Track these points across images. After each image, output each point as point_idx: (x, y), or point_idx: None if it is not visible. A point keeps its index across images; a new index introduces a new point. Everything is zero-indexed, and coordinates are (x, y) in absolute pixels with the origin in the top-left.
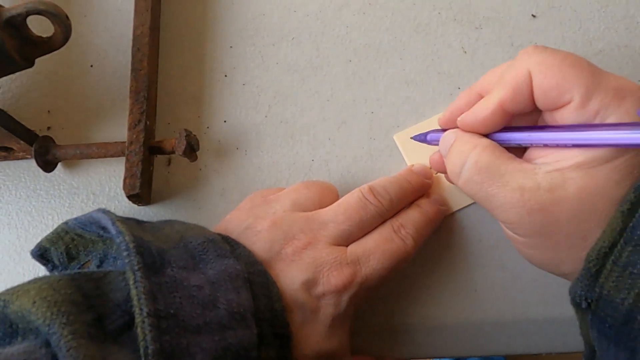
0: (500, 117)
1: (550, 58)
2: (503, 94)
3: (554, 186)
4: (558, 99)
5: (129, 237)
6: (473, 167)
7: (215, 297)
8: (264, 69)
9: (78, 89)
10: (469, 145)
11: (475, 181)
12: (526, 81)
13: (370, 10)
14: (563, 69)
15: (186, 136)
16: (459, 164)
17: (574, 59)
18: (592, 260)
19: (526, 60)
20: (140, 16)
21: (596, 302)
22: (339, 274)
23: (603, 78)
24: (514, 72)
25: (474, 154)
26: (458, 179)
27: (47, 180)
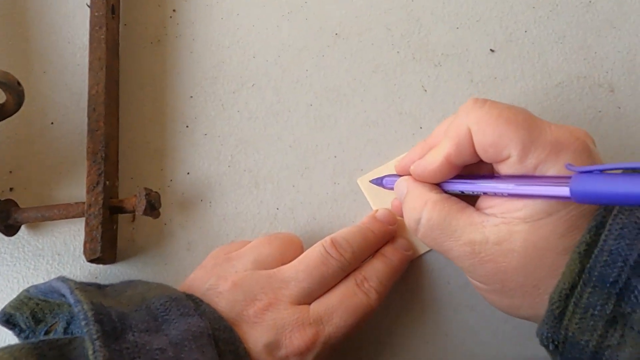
0: (447, 169)
1: (487, 115)
2: (447, 149)
3: (500, 239)
4: (497, 155)
5: (87, 305)
6: (426, 224)
7: (179, 359)
8: (225, 117)
9: (39, 147)
10: (421, 201)
11: (430, 237)
12: (467, 137)
13: (329, 53)
14: (500, 127)
15: (146, 195)
16: (413, 221)
17: (511, 114)
18: (555, 303)
19: (465, 117)
20: (95, 75)
21: (562, 343)
22: (301, 335)
23: (541, 132)
24: (455, 129)
25: (425, 211)
26: (416, 234)
27: (11, 243)
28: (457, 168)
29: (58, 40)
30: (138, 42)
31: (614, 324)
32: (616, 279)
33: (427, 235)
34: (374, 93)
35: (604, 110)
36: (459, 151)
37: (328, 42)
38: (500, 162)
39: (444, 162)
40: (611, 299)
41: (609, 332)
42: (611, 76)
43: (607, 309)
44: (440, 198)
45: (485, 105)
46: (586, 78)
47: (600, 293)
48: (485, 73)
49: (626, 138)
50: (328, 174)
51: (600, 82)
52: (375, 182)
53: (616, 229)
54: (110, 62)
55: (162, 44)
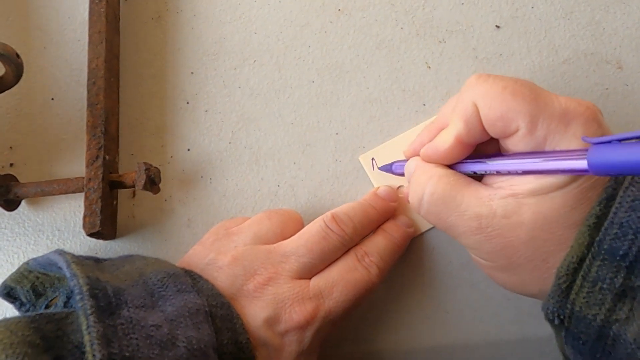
0: (459, 150)
1: (492, 89)
2: (457, 129)
3: (509, 212)
4: (505, 129)
5: (82, 279)
6: (430, 198)
7: (174, 335)
8: (226, 94)
9: (40, 123)
10: (426, 176)
11: (434, 212)
12: (474, 114)
13: (331, 29)
14: (506, 99)
15: (146, 170)
16: (417, 197)
17: (516, 86)
18: (562, 277)
19: (470, 93)
20: (95, 49)
21: (569, 318)
22: (301, 309)
23: (547, 104)
24: (462, 107)
25: (430, 185)
26: (419, 211)
27: (12, 219)
28: (469, 147)
29: (58, 16)
30: (139, 18)
31: (622, 298)
32: (626, 252)
33: (430, 211)
34: (377, 70)
35: (612, 87)
36: (469, 129)
37: (331, 18)
38: (509, 137)
39: (455, 143)
40: (621, 272)
41: (618, 305)
42: (619, 52)
43: (617, 282)
44: (446, 173)
45: (490, 79)
46: (593, 55)
47: (609, 266)
48: (490, 50)
49: (633, 115)
50: (330, 151)
51: (608, 58)
52: (384, 168)
53: (627, 201)
54: (110, 36)
55: (162, 19)
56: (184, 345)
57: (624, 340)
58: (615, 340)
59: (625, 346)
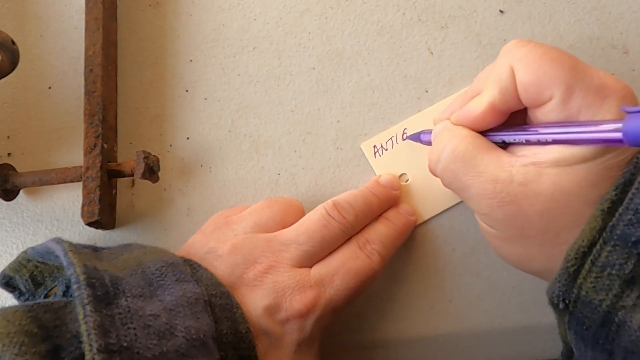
0: (491, 116)
1: (531, 53)
2: (491, 94)
3: (527, 180)
4: (539, 96)
5: (79, 268)
6: (450, 155)
7: (172, 325)
8: (225, 81)
9: (37, 112)
10: (450, 134)
11: (451, 169)
12: (510, 78)
13: (332, 15)
14: (544, 65)
15: (144, 158)
16: (437, 152)
17: (556, 53)
18: (571, 260)
19: (508, 56)
20: (92, 36)
21: (574, 303)
22: (301, 297)
23: (586, 75)
24: (497, 71)
25: (452, 142)
26: (435, 169)
27: (10, 209)
28: (500, 115)
29: (55, 3)
30: (136, 5)
31: (631, 285)
32: (639, 239)
33: (447, 168)
34: (378, 56)
35: (618, 72)
36: (503, 95)
37: (331, 4)
38: (541, 106)
39: (488, 108)
40: (631, 258)
41: (625, 292)
42: (626, 37)
43: (626, 269)
44: (471, 134)
45: (530, 44)
46: (599, 39)
47: (620, 252)
48: (494, 35)
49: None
50: (330, 139)
51: (614, 43)
52: (412, 137)
53: None
54: (107, 23)
55: (161, 6)
56: (182, 335)
57: (629, 327)
58: (620, 326)
59: (630, 333)
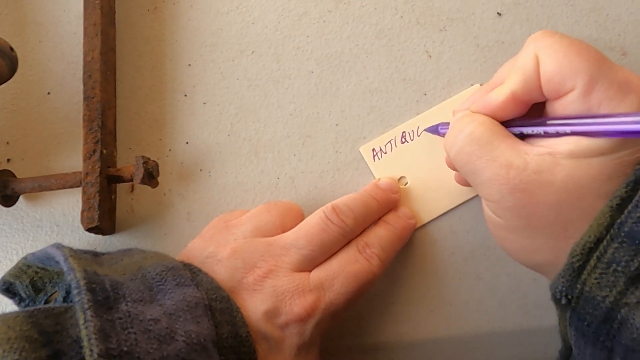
0: (512, 106)
1: (558, 43)
2: (514, 83)
3: (542, 169)
4: (561, 86)
5: (80, 273)
6: (467, 137)
7: (173, 330)
8: (224, 85)
9: (36, 118)
10: (469, 119)
11: (466, 152)
12: (534, 67)
13: (330, 18)
14: (569, 55)
15: (144, 163)
16: (454, 135)
17: (582, 45)
18: (576, 255)
19: (534, 45)
20: (90, 41)
21: (577, 298)
22: (301, 302)
23: (610, 69)
24: (522, 59)
25: (470, 126)
26: (450, 151)
27: (10, 215)
28: (522, 106)
29: (54, 9)
30: (135, 10)
31: (636, 282)
32: None
33: (462, 150)
34: (377, 59)
35: None
36: (526, 84)
37: (329, 7)
38: (562, 97)
39: (510, 97)
40: (638, 256)
41: (630, 289)
42: (623, 39)
43: (632, 266)
44: (490, 120)
45: (556, 35)
46: (597, 41)
47: (627, 249)
48: (492, 37)
49: None
50: (330, 143)
51: (611, 45)
52: (430, 130)
53: None
54: (105, 29)
55: (159, 11)
56: (182, 340)
57: (631, 324)
58: (622, 324)
59: (632, 331)
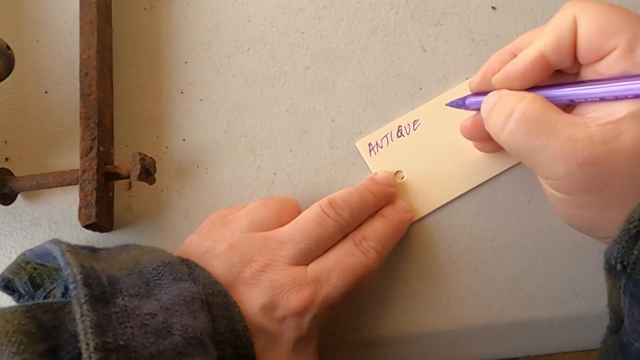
0: (540, 69)
1: (597, 4)
2: (545, 42)
3: (607, 138)
4: (603, 45)
5: (76, 268)
6: (520, 117)
7: (170, 324)
8: (220, 83)
9: (34, 117)
10: (517, 97)
11: (522, 132)
12: (570, 27)
13: (325, 14)
14: (610, 14)
15: (141, 160)
16: (503, 116)
17: (621, 7)
18: (634, 221)
19: (572, 6)
20: (86, 40)
21: (633, 264)
22: (298, 295)
23: None
24: (558, 19)
25: (522, 104)
26: (501, 133)
27: (8, 213)
28: (549, 72)
29: (50, 8)
30: (131, 8)
31: None
32: None
33: (517, 130)
34: (372, 54)
35: None
36: (558, 44)
37: (324, 3)
38: (602, 59)
39: (538, 58)
40: None
41: None
42: None
43: None
44: (539, 96)
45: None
46: None
47: None
48: (486, 31)
49: None
50: (326, 138)
51: None
52: (455, 104)
53: None
54: (101, 27)
55: (155, 9)
56: (179, 334)
57: None
58: None
59: None
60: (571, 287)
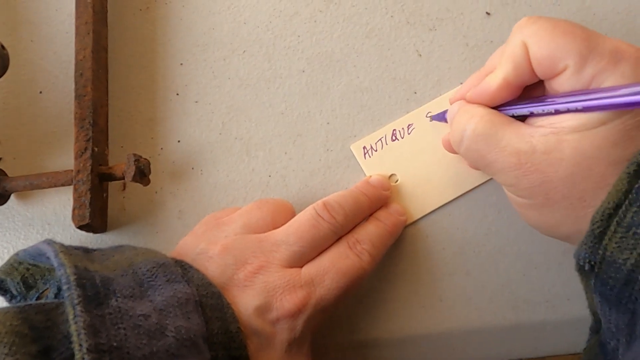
0: (506, 91)
1: (542, 29)
2: (505, 70)
3: (549, 149)
4: (553, 68)
5: (70, 269)
6: (471, 135)
7: (163, 325)
8: (216, 85)
9: (28, 117)
10: (468, 114)
11: (474, 149)
12: (523, 54)
13: (321, 18)
14: (556, 38)
15: (135, 161)
16: (458, 133)
17: (567, 26)
18: (597, 222)
19: (520, 33)
20: (82, 40)
21: (599, 264)
22: (292, 297)
23: (598, 42)
24: (511, 48)
25: (471, 122)
26: (459, 148)
27: (1, 213)
28: (516, 90)
29: (46, 8)
30: (127, 9)
31: None
32: None
33: (470, 148)
34: (367, 58)
35: None
36: (517, 70)
37: (320, 7)
38: (556, 77)
39: (502, 84)
40: None
41: None
42: None
43: None
44: (488, 112)
45: (540, 20)
46: None
47: None
48: (481, 37)
49: None
50: (321, 141)
51: None
52: (436, 117)
53: None
54: (97, 28)
55: (151, 11)
56: (172, 335)
57: None
58: None
59: None
60: (563, 290)
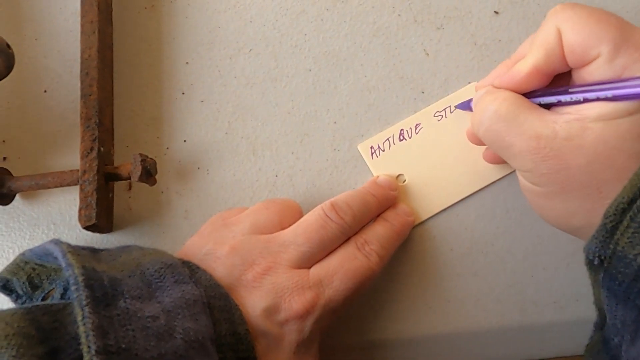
0: (536, 78)
1: (577, 15)
2: (536, 56)
3: (571, 135)
4: (586, 55)
5: (78, 269)
6: (493, 115)
7: (171, 327)
8: (222, 84)
9: (33, 116)
10: (492, 96)
11: (494, 130)
12: (556, 40)
13: (327, 16)
14: (590, 25)
15: (141, 161)
16: (480, 114)
17: (602, 14)
18: (610, 216)
19: (554, 19)
20: (87, 39)
21: (609, 259)
22: (300, 298)
23: (633, 33)
24: (543, 34)
25: (495, 103)
26: (479, 129)
27: (6, 213)
28: (545, 78)
29: (50, 7)
30: (132, 8)
31: None
32: None
33: (491, 129)
34: (375, 57)
35: None
36: (548, 57)
37: (327, 5)
38: (587, 65)
39: (532, 70)
40: None
41: None
42: None
43: None
44: (513, 95)
45: (575, 7)
46: None
47: None
48: (489, 35)
49: None
50: (328, 141)
51: None
52: (461, 106)
53: None
54: (102, 26)
55: (156, 9)
56: (180, 337)
57: None
58: None
59: None
60: (571, 291)
